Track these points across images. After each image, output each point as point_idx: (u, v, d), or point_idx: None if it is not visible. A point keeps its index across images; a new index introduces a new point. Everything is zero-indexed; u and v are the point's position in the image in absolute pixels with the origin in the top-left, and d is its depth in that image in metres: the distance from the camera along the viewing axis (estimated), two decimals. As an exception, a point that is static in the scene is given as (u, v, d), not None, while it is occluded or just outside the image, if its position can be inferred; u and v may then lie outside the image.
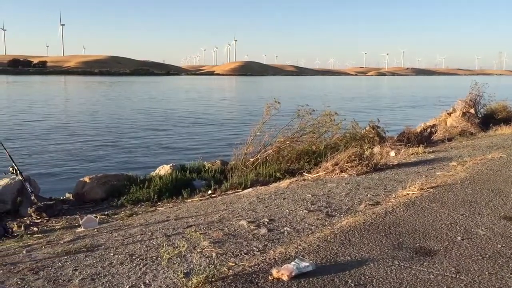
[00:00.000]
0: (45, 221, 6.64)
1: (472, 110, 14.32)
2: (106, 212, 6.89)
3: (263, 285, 3.05)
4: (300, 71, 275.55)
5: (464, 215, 4.48)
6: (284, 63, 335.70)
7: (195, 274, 3.12)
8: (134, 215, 6.41)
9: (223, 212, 5.28)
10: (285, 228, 4.39)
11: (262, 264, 3.37)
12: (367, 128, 11.24)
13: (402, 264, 3.32)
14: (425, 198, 5.12)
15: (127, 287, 3.23)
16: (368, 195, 5.58)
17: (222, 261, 3.51)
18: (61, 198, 8.09)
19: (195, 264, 3.46)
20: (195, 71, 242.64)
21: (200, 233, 4.24)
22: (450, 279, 3.08)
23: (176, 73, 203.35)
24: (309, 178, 7.16)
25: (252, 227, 4.46)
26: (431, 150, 9.52)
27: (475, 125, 13.10)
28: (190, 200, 7.15)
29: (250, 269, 3.28)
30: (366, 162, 7.27)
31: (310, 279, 3.09)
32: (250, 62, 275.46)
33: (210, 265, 3.23)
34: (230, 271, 3.27)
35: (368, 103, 43.48)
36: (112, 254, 3.94)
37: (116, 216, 6.54)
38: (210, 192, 7.51)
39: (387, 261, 3.38)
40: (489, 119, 14.48)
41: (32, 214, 6.83)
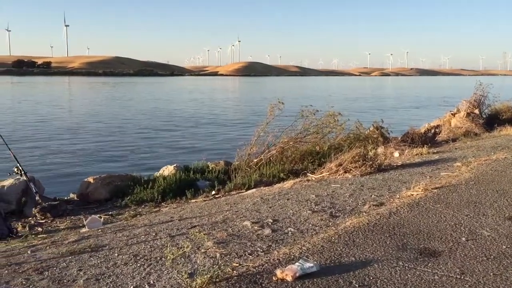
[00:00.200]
0: (50, 222, 6.67)
1: (477, 111, 14.26)
2: (110, 213, 6.92)
3: (267, 286, 3.05)
4: (304, 72, 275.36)
5: (469, 216, 4.47)
6: (288, 64, 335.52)
7: (199, 275, 3.12)
8: (138, 216, 6.42)
9: (227, 213, 5.28)
10: (289, 229, 4.39)
11: (266, 265, 3.37)
12: (371, 129, 11.23)
13: (407, 265, 3.31)
14: (430, 199, 5.11)
15: (132, 288, 3.24)
16: (372, 196, 5.57)
17: (226, 262, 3.51)
18: (66, 199, 8.12)
19: (199, 265, 3.46)
20: (199, 72, 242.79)
21: (204, 234, 4.24)
22: (455, 280, 3.07)
23: (180, 74, 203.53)
24: (313, 179, 7.15)
25: (256, 228, 4.46)
26: (435, 151, 9.49)
27: (480, 126, 13.05)
28: (194, 201, 7.16)
29: (254, 270, 3.28)
30: (370, 163, 7.25)
31: (314, 280, 3.08)
32: (254, 63, 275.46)
33: (214, 266, 3.23)
34: (234, 272, 3.27)
35: (372, 104, 43.42)
36: (117, 255, 3.95)
37: (120, 217, 6.56)
38: (214, 193, 7.52)
39: (392, 262, 3.37)
40: (494, 120, 14.42)
41: (37, 215, 6.86)
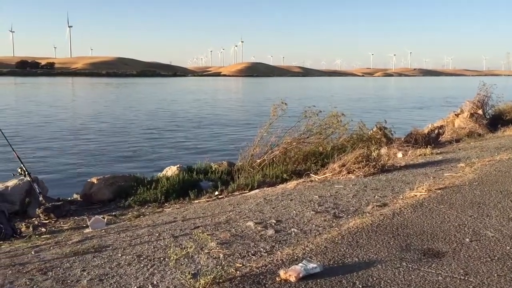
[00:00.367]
0: (53, 222, 6.68)
1: (480, 111, 14.21)
2: (114, 213, 6.93)
3: (271, 287, 3.05)
4: (307, 72, 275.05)
5: (473, 217, 4.45)
6: (291, 64, 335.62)
7: (203, 275, 3.12)
8: (142, 216, 6.43)
9: (230, 213, 5.28)
10: (292, 229, 4.38)
11: (270, 265, 3.37)
12: (374, 129, 11.21)
13: (410, 266, 3.31)
14: (433, 200, 5.10)
15: (135, 288, 3.24)
16: (376, 197, 5.56)
17: (230, 262, 3.51)
18: (69, 199, 8.14)
19: (203, 265, 3.47)
20: (202, 72, 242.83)
21: (208, 234, 4.25)
22: (459, 281, 3.06)
23: (183, 74, 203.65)
24: (316, 180, 7.15)
25: (259, 228, 4.46)
26: (439, 151, 9.47)
27: (483, 126, 13.01)
28: (197, 201, 7.16)
29: (258, 270, 3.28)
30: (373, 163, 7.24)
31: (318, 281, 3.08)
32: (256, 63, 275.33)
33: (218, 266, 3.23)
34: (238, 272, 3.27)
35: (375, 104, 43.36)
36: (120, 255, 3.96)
37: (124, 217, 6.57)
38: (217, 193, 7.52)
39: (395, 263, 3.37)
40: (497, 120, 14.37)
41: (40, 215, 6.88)
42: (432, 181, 6.11)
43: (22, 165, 7.32)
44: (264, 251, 3.78)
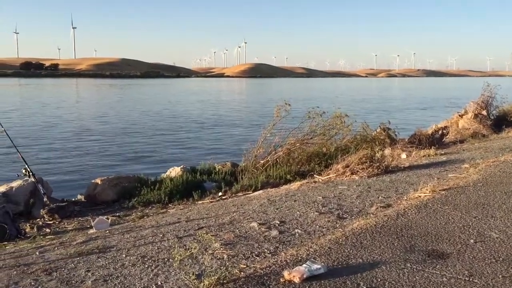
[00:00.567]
0: (57, 223, 6.71)
1: (484, 112, 14.16)
2: (118, 214, 6.95)
3: (275, 287, 3.05)
4: (310, 73, 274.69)
5: (477, 218, 4.44)
6: (294, 65, 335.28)
7: (207, 276, 3.13)
8: (145, 217, 6.44)
9: (234, 214, 5.28)
10: (296, 230, 4.38)
11: (274, 266, 3.37)
12: (378, 130, 11.19)
13: (415, 267, 3.30)
14: (437, 201, 5.08)
15: (139, 289, 3.24)
16: (380, 198, 5.55)
17: (234, 263, 3.51)
18: (73, 200, 8.16)
19: (207, 266, 3.47)
20: (205, 73, 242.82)
21: (211, 235, 4.25)
22: (463, 282, 3.05)
23: (186, 75, 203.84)
24: (320, 180, 7.14)
25: (263, 229, 4.46)
26: (443, 152, 9.45)
27: (487, 127, 12.96)
28: (201, 202, 7.17)
29: (262, 271, 3.28)
30: (377, 164, 7.23)
31: (322, 282, 3.08)
32: (260, 64, 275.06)
33: (222, 267, 3.23)
34: (242, 273, 3.27)
35: (379, 105, 43.30)
36: (124, 256, 3.97)
37: (128, 218, 6.58)
38: (221, 194, 7.53)
39: (399, 264, 3.36)
40: (502, 121, 14.32)
41: (45, 216, 6.90)
42: (436, 182, 6.09)
43: (27, 166, 7.35)
44: (268, 252, 3.78)
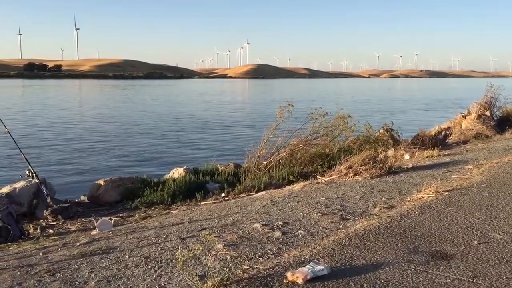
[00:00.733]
0: (61, 224, 6.72)
1: (488, 113, 14.12)
2: (121, 215, 6.95)
3: (278, 289, 3.04)
4: (313, 74, 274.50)
5: (481, 219, 4.43)
6: (297, 66, 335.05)
7: (210, 277, 3.13)
8: (148, 218, 6.45)
9: (237, 215, 5.28)
10: (299, 231, 4.38)
11: (277, 267, 3.36)
12: (381, 131, 11.18)
13: (418, 268, 3.29)
14: (441, 202, 5.07)
15: (143, 290, 3.24)
16: (383, 199, 5.54)
17: (237, 264, 3.50)
18: (76, 201, 8.17)
19: (210, 267, 3.47)
20: (208, 74, 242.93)
21: (215, 236, 4.25)
22: (467, 284, 3.04)
23: (189, 76, 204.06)
24: (323, 181, 7.14)
25: (266, 230, 4.46)
26: (446, 153, 9.43)
27: (491, 128, 12.93)
28: (204, 203, 7.17)
29: (265, 272, 3.28)
30: (380, 165, 7.22)
31: (325, 283, 3.07)
32: (263, 65, 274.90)
33: (225, 268, 3.23)
34: (245, 274, 3.27)
35: (382, 106, 43.24)
36: (127, 257, 3.97)
37: (131, 219, 6.59)
38: (224, 195, 7.53)
39: (403, 265, 3.35)
40: (505, 122, 14.30)
41: (48, 217, 6.91)
42: (440, 183, 6.08)
43: (30, 167, 7.36)
44: (271, 253, 3.78)
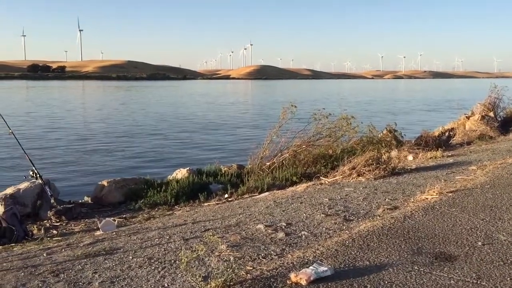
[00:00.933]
0: (64, 224, 6.74)
1: (491, 114, 14.08)
2: (124, 216, 6.97)
3: (281, 290, 3.04)
4: (316, 75, 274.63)
5: (485, 220, 4.41)
6: (300, 67, 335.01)
7: (213, 278, 3.13)
8: (152, 219, 6.46)
9: (240, 216, 5.28)
10: (303, 232, 4.37)
11: (280, 268, 3.36)
12: (384, 132, 11.16)
13: (422, 270, 3.28)
14: (445, 203, 5.06)
15: (146, 290, 3.25)
16: (386, 200, 5.53)
17: (240, 265, 3.50)
18: (80, 202, 8.19)
19: (213, 268, 3.46)
20: (211, 75, 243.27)
21: (218, 237, 4.24)
22: (471, 285, 3.03)
23: (192, 77, 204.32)
24: (326, 182, 7.13)
25: (270, 231, 4.46)
26: (450, 154, 9.41)
27: (495, 129, 12.88)
28: (207, 204, 7.18)
29: (268, 273, 3.28)
30: (384, 166, 7.21)
31: (329, 284, 3.07)
32: (266, 66, 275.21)
33: (228, 269, 3.23)
34: (248, 275, 3.27)
35: (385, 107, 43.17)
36: (131, 257, 3.98)
37: (134, 220, 6.60)
38: (227, 196, 7.53)
39: (407, 266, 3.34)
40: (509, 123, 14.24)
41: (52, 217, 6.93)
42: (444, 184, 6.06)
43: (34, 168, 7.39)
44: (275, 254, 3.78)
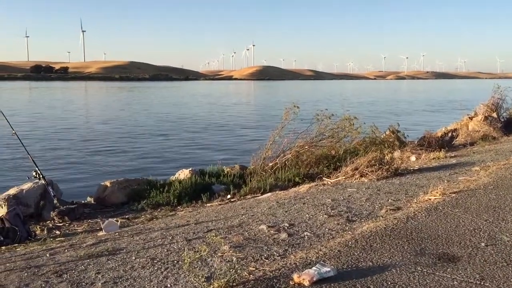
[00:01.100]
0: (67, 225, 6.75)
1: (495, 114, 14.04)
2: (127, 216, 6.98)
3: (284, 290, 3.04)
4: (319, 76, 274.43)
5: (488, 221, 4.40)
6: (302, 68, 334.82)
7: (216, 279, 3.13)
8: (154, 219, 6.47)
9: (243, 217, 5.28)
10: (305, 233, 4.37)
11: (283, 269, 3.36)
12: (387, 133, 11.15)
13: (425, 270, 3.28)
14: (448, 203, 5.05)
15: (149, 291, 3.25)
16: (389, 200, 5.52)
17: (243, 266, 3.50)
18: (83, 202, 8.20)
19: (216, 269, 3.46)
20: (214, 76, 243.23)
21: (221, 238, 4.24)
22: (475, 286, 3.03)
23: (195, 78, 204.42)
24: (329, 183, 7.13)
25: (272, 232, 4.46)
26: (453, 155, 9.39)
27: (498, 129, 12.85)
28: (210, 205, 7.18)
29: (271, 274, 3.28)
30: (387, 167, 7.20)
31: (332, 285, 3.06)
32: (268, 67, 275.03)
33: (231, 270, 3.23)
34: (251, 276, 3.27)
35: (388, 107, 43.12)
36: (134, 258, 3.98)
37: (137, 220, 6.61)
38: (229, 197, 7.54)
39: (410, 267, 3.34)
40: (512, 123, 14.21)
41: (55, 218, 6.95)
42: (447, 185, 6.05)
43: (37, 169, 7.41)
44: (277, 255, 3.78)
